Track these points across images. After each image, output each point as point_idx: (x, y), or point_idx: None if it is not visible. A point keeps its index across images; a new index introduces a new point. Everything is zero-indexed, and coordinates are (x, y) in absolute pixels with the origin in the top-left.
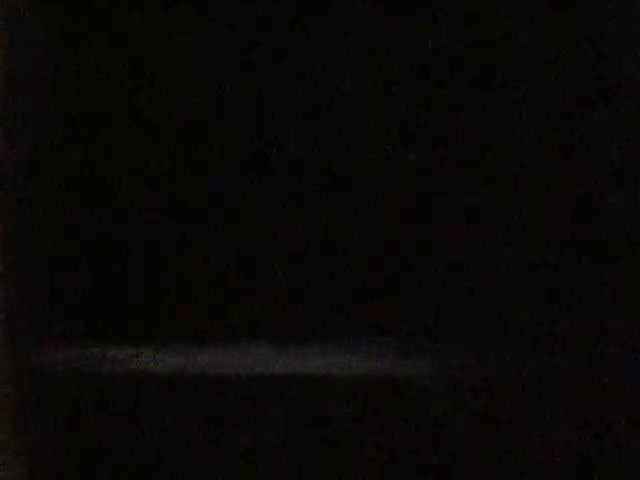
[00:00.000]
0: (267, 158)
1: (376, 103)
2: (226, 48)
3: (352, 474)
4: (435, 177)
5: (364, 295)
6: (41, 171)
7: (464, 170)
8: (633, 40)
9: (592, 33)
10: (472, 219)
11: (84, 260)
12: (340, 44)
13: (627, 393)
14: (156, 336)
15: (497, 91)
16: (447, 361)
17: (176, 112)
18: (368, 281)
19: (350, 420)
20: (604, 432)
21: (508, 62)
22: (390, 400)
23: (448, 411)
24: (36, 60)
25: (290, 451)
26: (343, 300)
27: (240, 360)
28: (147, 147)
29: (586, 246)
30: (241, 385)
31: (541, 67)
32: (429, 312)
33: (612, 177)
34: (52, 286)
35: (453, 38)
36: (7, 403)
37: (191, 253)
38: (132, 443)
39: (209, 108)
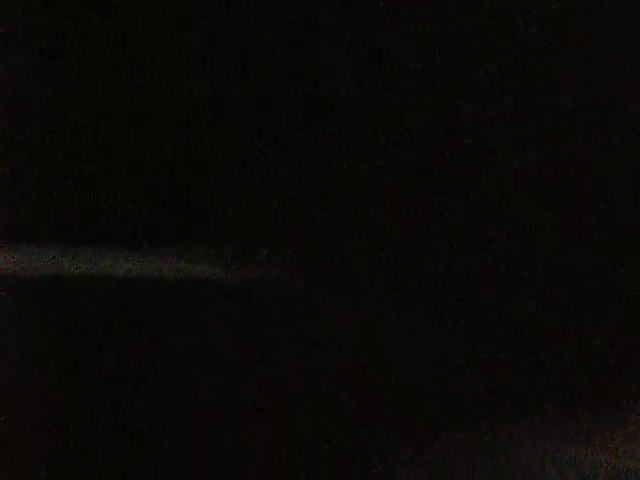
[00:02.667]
0: (267, 158)
1: (376, 103)
2: (227, 47)
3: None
4: (435, 177)
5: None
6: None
7: (464, 170)
8: (633, 40)
9: (592, 34)
10: (472, 219)
11: None
12: (340, 44)
13: (628, 394)
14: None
15: (497, 91)
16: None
17: (175, 111)
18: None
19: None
20: (604, 432)
21: (509, 62)
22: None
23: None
24: (30, 55)
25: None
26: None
27: (79, 260)
28: (145, 146)
29: (587, 246)
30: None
31: (542, 67)
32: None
33: (612, 177)
34: None
35: (453, 37)
36: None
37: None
38: None
39: (209, 107)
